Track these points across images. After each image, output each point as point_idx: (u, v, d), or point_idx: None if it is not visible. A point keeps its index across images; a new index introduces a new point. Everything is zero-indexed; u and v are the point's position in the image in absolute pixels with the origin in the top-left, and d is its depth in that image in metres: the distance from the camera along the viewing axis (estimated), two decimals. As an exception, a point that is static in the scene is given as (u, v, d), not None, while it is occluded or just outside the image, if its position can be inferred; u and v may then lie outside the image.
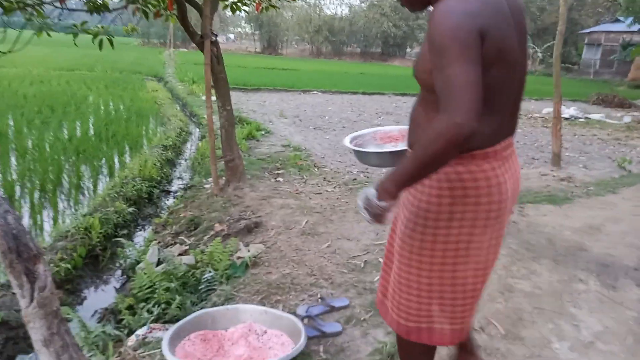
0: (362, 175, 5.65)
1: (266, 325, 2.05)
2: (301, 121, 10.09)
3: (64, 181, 5.52)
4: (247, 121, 9.00)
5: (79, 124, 8.24)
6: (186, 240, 3.75)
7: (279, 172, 5.71)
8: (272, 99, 13.46)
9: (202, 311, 2.06)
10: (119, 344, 2.49)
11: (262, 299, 2.48)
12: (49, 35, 3.82)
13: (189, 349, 1.87)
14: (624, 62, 27.11)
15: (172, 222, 4.26)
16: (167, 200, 5.53)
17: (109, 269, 3.78)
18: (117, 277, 3.68)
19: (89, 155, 6.50)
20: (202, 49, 4.42)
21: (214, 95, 4.62)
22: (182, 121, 9.48)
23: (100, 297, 3.38)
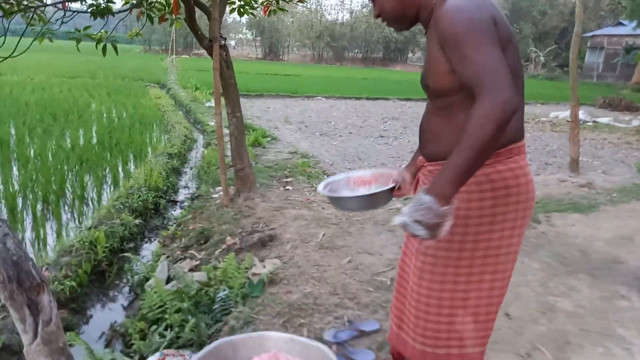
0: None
1: (293, 355, 1.86)
2: (307, 127, 9.93)
3: (67, 192, 5.34)
4: (253, 128, 8.82)
5: (81, 132, 8.07)
6: (196, 254, 3.56)
7: (288, 180, 5.53)
8: (275, 105, 13.31)
9: (222, 340, 1.87)
10: (129, 371, 2.30)
11: (284, 322, 2.28)
12: (50, 40, 3.66)
13: (210, 384, 1.68)
14: (627, 66, 26.98)
15: (180, 234, 4.07)
16: (174, 210, 5.34)
17: (115, 285, 3.59)
18: (125, 294, 3.48)
19: (93, 164, 6.32)
20: (210, 53, 4.26)
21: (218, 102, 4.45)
22: (187, 128, 9.31)
23: (107, 316, 3.18)
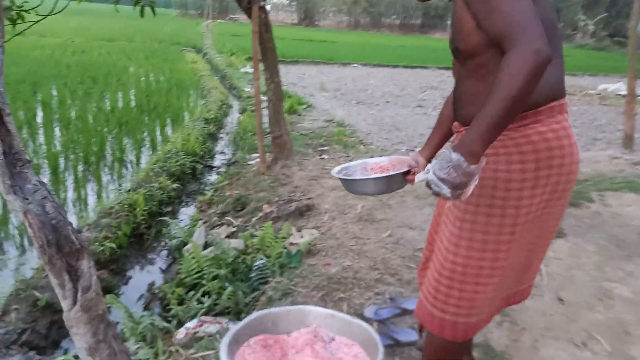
0: (411, 154, 5.28)
1: (333, 331, 1.79)
2: (343, 95, 9.71)
3: (107, 154, 5.40)
4: (288, 94, 8.68)
5: (120, 95, 8.14)
6: (233, 221, 3.53)
7: (324, 148, 5.41)
8: (311, 72, 13.07)
9: (262, 312, 1.81)
10: (167, 335, 2.31)
11: (323, 296, 2.22)
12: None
13: (249, 357, 1.63)
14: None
15: (217, 200, 4.05)
16: (210, 176, 5.34)
17: (154, 248, 3.62)
18: (163, 257, 3.51)
19: (131, 127, 6.37)
20: (249, 15, 4.11)
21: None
22: (223, 94, 9.26)
23: (145, 279, 3.22)
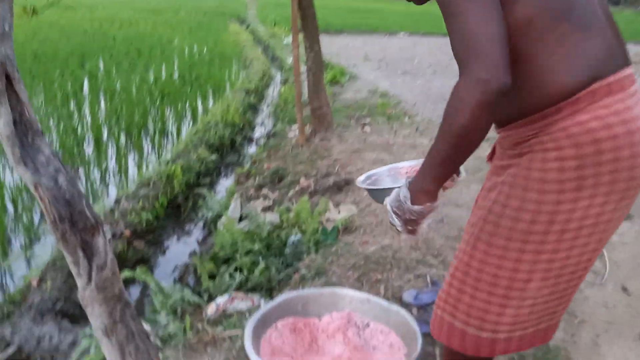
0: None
1: (368, 316, 1.66)
2: (387, 65, 9.34)
3: (149, 125, 5.43)
4: (331, 65, 8.44)
5: (164, 67, 8.18)
6: (270, 194, 3.43)
7: (366, 121, 5.20)
8: (355, 42, 12.67)
9: (292, 293, 1.70)
10: (198, 310, 2.25)
11: (359, 277, 2.08)
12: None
13: (275, 341, 1.53)
14: None
15: (255, 172, 3.96)
16: (249, 148, 5.27)
17: (190, 220, 3.59)
18: (199, 229, 3.48)
19: (173, 98, 6.38)
20: (289, -21, 3.91)
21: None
22: (264, 65, 9.14)
23: (181, 250, 3.20)
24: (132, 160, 4.48)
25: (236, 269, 2.47)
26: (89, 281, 1.23)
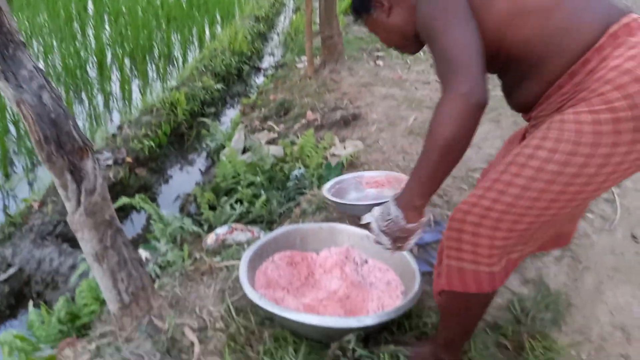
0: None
1: (367, 253, 1.63)
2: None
3: (154, 49, 5.24)
4: (346, -7, 8.00)
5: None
6: (275, 126, 3.34)
7: (380, 54, 4.97)
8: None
9: (291, 227, 1.67)
10: (198, 239, 2.25)
11: (360, 213, 2.04)
12: None
13: (271, 274, 1.51)
14: None
15: (261, 103, 3.85)
16: (257, 78, 5.10)
17: (194, 150, 3.54)
18: (202, 159, 3.43)
19: (180, 22, 6.13)
20: None
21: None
22: (276, -10, 8.69)
23: (183, 179, 3.17)
24: (135, 85, 4.36)
25: (237, 201, 2.44)
26: (78, 205, 1.19)
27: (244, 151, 3.07)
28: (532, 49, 0.95)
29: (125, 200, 2.14)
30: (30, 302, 1.79)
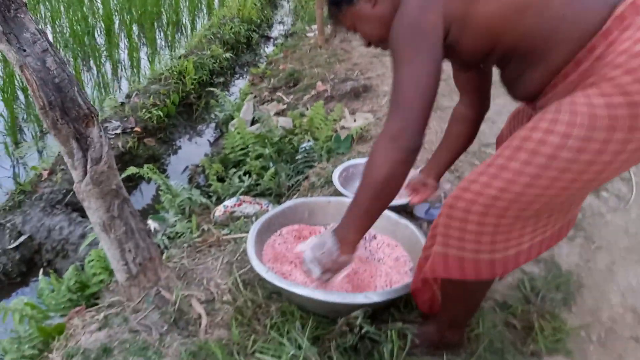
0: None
1: (376, 228, 1.60)
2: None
3: (163, 16, 5.15)
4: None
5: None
6: (284, 97, 3.29)
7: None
8: None
9: (299, 200, 1.64)
10: (207, 211, 2.24)
11: (370, 187, 2.01)
12: None
13: (279, 247, 1.50)
14: None
15: (270, 73, 3.78)
16: (266, 47, 5.01)
17: (202, 120, 3.51)
18: (211, 130, 3.40)
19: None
20: None
21: None
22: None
23: (192, 150, 3.15)
24: (143, 53, 4.30)
25: (245, 173, 2.42)
26: (84, 174, 1.17)
27: (253, 122, 3.03)
28: (532, 41, 0.89)
29: (133, 169, 2.12)
30: (40, 270, 1.80)
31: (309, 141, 2.54)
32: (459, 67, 1.22)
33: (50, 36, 4.34)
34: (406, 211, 1.80)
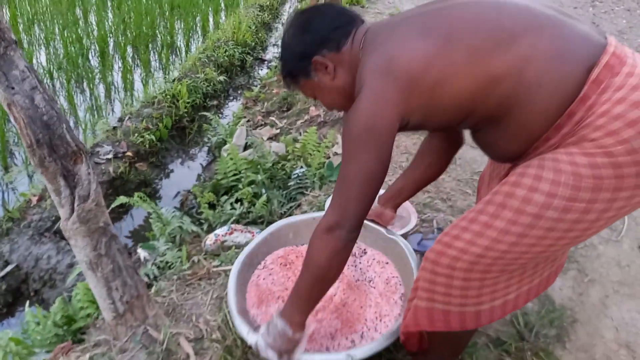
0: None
1: (365, 242, 1.57)
2: (414, -13, 8.71)
3: (157, 38, 5.17)
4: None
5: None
6: (277, 122, 3.29)
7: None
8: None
9: (281, 222, 1.60)
10: (197, 239, 2.22)
11: (362, 217, 2.00)
12: None
13: (263, 283, 1.46)
14: None
15: (264, 97, 3.80)
16: (260, 69, 5.04)
17: (195, 144, 3.50)
18: (204, 154, 3.39)
19: (184, 10, 6.04)
20: None
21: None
22: (282, -21, 8.56)
23: (184, 175, 3.13)
24: (137, 75, 4.31)
25: (237, 200, 2.41)
26: (72, 212, 1.16)
27: (246, 147, 3.02)
28: (507, 111, 0.87)
29: (123, 199, 2.10)
30: (27, 303, 1.76)
31: (302, 167, 2.54)
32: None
33: (43, 58, 4.34)
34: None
